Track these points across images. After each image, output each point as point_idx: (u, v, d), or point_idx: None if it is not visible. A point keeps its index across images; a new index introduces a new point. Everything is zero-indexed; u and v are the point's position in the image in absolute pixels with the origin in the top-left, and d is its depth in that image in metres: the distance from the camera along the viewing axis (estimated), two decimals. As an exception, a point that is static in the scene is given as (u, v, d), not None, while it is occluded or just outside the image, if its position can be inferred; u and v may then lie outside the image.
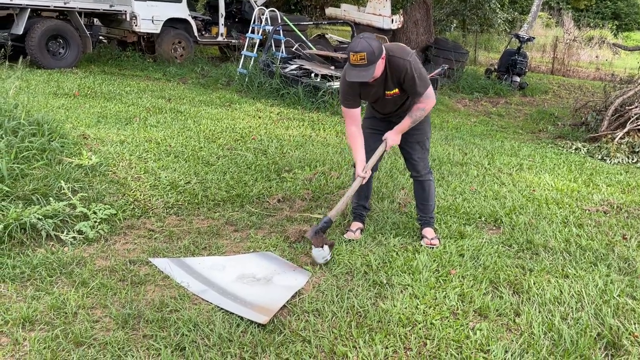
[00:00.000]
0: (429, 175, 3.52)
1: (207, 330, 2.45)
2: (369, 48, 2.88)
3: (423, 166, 3.48)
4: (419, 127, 3.32)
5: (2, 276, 2.76)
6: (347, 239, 3.49)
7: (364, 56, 2.88)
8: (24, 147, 4.02)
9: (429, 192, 3.55)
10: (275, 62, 8.58)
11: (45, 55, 9.09)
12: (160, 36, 10.77)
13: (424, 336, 2.54)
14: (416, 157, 3.45)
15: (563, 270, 3.25)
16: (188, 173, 4.44)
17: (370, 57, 2.90)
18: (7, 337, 2.33)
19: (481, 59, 17.07)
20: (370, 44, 2.90)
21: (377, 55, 2.93)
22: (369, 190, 3.68)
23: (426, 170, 3.50)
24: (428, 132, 3.47)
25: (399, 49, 3.11)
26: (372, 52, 2.89)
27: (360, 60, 2.90)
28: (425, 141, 3.45)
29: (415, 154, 3.44)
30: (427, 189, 3.53)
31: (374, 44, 2.91)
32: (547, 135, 7.84)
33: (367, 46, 2.89)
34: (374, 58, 2.91)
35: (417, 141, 3.42)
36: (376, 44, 2.92)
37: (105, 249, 3.17)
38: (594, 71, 16.44)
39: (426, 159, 3.48)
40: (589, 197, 4.69)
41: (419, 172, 3.49)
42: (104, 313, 2.55)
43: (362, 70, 2.94)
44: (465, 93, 11.01)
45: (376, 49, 2.91)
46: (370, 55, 2.89)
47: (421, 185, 3.54)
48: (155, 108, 6.86)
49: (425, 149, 3.46)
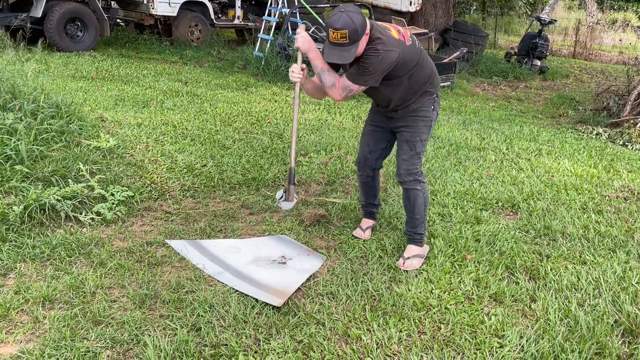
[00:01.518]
0: (414, 183, 2.98)
1: (222, 311, 2.47)
2: (351, 25, 2.49)
3: (406, 170, 2.96)
4: (412, 123, 2.93)
5: (23, 256, 2.81)
6: (354, 236, 3.33)
7: (346, 34, 2.50)
8: (43, 129, 4.07)
9: (415, 204, 3.02)
10: (291, 45, 8.53)
11: (63, 38, 9.15)
12: (177, 19, 10.75)
13: (438, 320, 2.53)
14: (400, 158, 2.98)
15: (581, 257, 3.22)
16: (204, 156, 4.46)
17: (353, 35, 2.51)
18: (28, 315, 2.38)
19: (501, 42, 16.78)
20: (353, 19, 2.50)
21: (360, 33, 2.53)
22: (375, 188, 3.36)
23: (410, 177, 2.97)
24: (423, 133, 2.94)
25: (383, 38, 2.63)
26: (354, 30, 2.50)
27: (341, 38, 2.51)
28: (415, 142, 2.93)
29: (401, 153, 2.98)
30: (412, 199, 3.02)
31: (356, 20, 2.50)
32: (568, 120, 7.70)
33: (350, 22, 2.49)
34: (356, 36, 2.52)
35: (405, 140, 2.96)
36: (359, 19, 2.52)
37: (123, 231, 3.20)
38: (617, 55, 16.08)
39: (414, 163, 2.95)
40: (609, 183, 4.61)
41: (401, 176, 2.99)
42: (121, 293, 2.59)
43: (343, 50, 2.56)
44: (484, 77, 10.85)
45: (359, 25, 2.51)
46: (352, 33, 2.50)
47: (406, 193, 3.04)
48: (171, 91, 6.88)
49: (415, 152, 2.94)
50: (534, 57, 11.78)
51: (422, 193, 3.02)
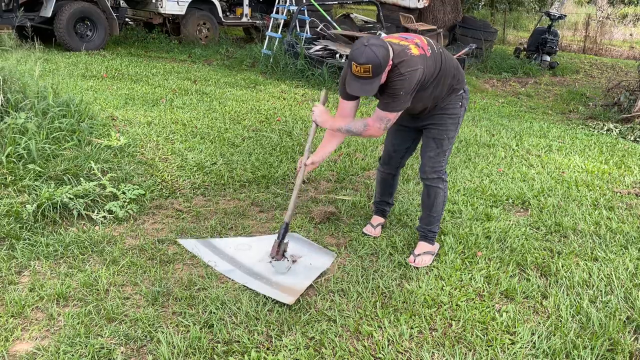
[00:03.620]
0: (437, 181, 2.98)
1: (234, 308, 2.49)
2: (375, 60, 2.44)
3: (431, 168, 2.96)
4: (439, 121, 2.89)
5: (37, 254, 2.84)
6: (364, 233, 3.32)
7: (369, 69, 2.45)
8: (54, 128, 4.11)
9: (435, 201, 3.02)
10: (299, 43, 8.54)
11: (73, 38, 9.21)
12: (185, 18, 10.79)
13: (449, 317, 2.54)
14: (426, 155, 2.97)
15: (592, 254, 3.20)
16: (214, 154, 4.48)
17: (377, 70, 2.47)
18: (43, 312, 2.41)
19: (510, 37, 16.68)
20: (377, 53, 2.44)
21: (384, 66, 2.49)
22: (393, 187, 3.37)
23: (435, 175, 2.97)
24: (451, 131, 2.92)
25: (404, 60, 2.59)
26: (378, 65, 2.45)
27: (365, 72, 2.47)
28: (443, 140, 2.92)
29: (426, 150, 2.97)
30: (432, 197, 3.02)
31: (380, 54, 2.45)
32: (578, 116, 7.66)
33: (374, 57, 2.44)
34: (380, 70, 2.48)
35: (432, 137, 2.94)
36: (383, 52, 2.46)
37: (135, 228, 3.23)
38: (627, 50, 15.94)
39: (439, 161, 2.95)
40: (621, 180, 4.58)
41: (425, 173, 2.99)
42: (134, 290, 2.61)
43: (366, 83, 2.52)
44: (493, 73, 10.80)
45: (383, 58, 2.46)
46: (376, 67, 2.46)
47: (427, 190, 3.03)
48: (181, 90, 6.91)
49: (441, 150, 2.93)
50: (544, 52, 11.72)
51: (443, 192, 3.02)
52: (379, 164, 3.32)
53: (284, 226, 2.86)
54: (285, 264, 2.83)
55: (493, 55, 11.49)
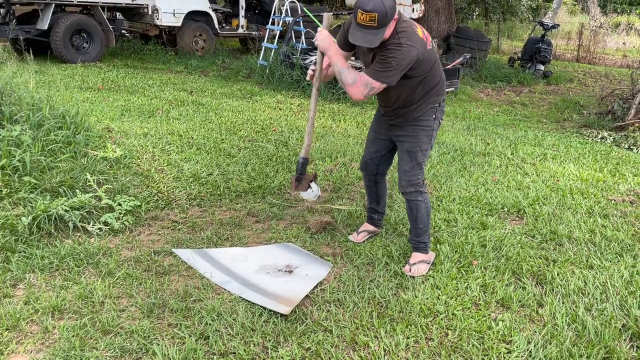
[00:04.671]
0: (416, 194, 2.97)
1: (230, 319, 2.49)
2: (381, 8, 2.41)
3: (407, 182, 2.94)
4: (412, 133, 2.89)
5: (32, 266, 2.84)
6: (349, 240, 3.35)
7: (375, 17, 2.41)
8: (50, 140, 4.11)
9: (418, 214, 3.00)
10: (295, 54, 8.58)
11: (69, 50, 9.24)
12: (181, 29, 10.84)
13: (445, 327, 2.54)
14: (401, 169, 2.96)
15: (587, 261, 3.21)
16: (210, 165, 4.48)
17: (382, 20, 2.43)
18: (38, 325, 2.40)
19: (504, 47, 16.79)
20: (384, 2, 2.42)
21: (390, 17, 2.45)
22: (378, 195, 3.35)
23: (412, 189, 2.95)
24: (424, 143, 2.89)
25: (408, 31, 2.58)
26: (384, 14, 2.42)
27: (370, 21, 2.43)
28: (416, 152, 2.89)
29: (401, 164, 2.96)
30: (414, 210, 3.00)
31: (387, 3, 2.42)
32: (572, 125, 7.70)
33: (380, 5, 2.41)
34: (385, 20, 2.44)
35: (406, 150, 2.92)
36: (390, 2, 2.44)
37: (130, 240, 3.23)
38: (620, 58, 16.05)
39: (415, 174, 2.93)
40: (615, 187, 4.61)
41: (402, 187, 2.98)
42: (129, 302, 2.60)
43: (370, 33, 2.48)
44: (487, 82, 10.86)
45: (389, 9, 2.43)
46: (382, 17, 2.42)
47: (408, 204, 3.03)
48: (177, 101, 6.92)
49: (416, 162, 2.91)
50: (538, 61, 11.79)
51: (424, 203, 3.01)
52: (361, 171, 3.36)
53: (303, 161, 3.04)
54: (314, 192, 3.08)
55: (487, 65, 11.56)
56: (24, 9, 9.41)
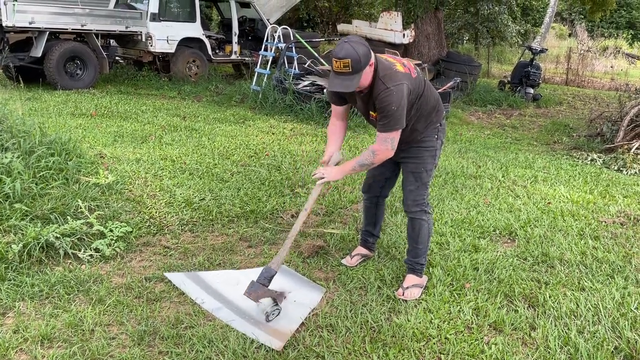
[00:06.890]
0: (421, 214, 3.02)
1: (221, 346, 2.47)
2: (354, 54, 2.52)
3: (413, 201, 3.01)
4: (416, 154, 2.96)
5: (22, 294, 2.81)
6: (342, 264, 3.36)
7: (348, 63, 2.53)
8: (42, 167, 4.11)
9: (420, 233, 3.04)
10: (288, 79, 8.67)
11: (63, 77, 9.28)
12: (175, 55, 10.94)
13: (438, 351, 2.53)
14: (407, 189, 3.03)
15: (579, 283, 3.22)
16: (202, 190, 4.49)
17: (356, 65, 2.54)
18: (27, 354, 2.37)
19: (494, 71, 17.03)
20: (356, 49, 2.53)
21: (364, 63, 2.56)
22: (377, 217, 3.39)
23: (417, 208, 3.01)
24: (428, 164, 2.98)
25: (388, 73, 2.68)
26: (357, 60, 2.53)
27: (344, 67, 2.54)
28: (421, 173, 2.98)
29: (406, 184, 3.04)
30: (416, 229, 3.05)
31: (360, 50, 2.54)
32: (562, 147, 7.78)
33: (353, 52, 2.52)
34: (359, 66, 2.55)
35: (411, 171, 3.01)
36: (363, 49, 2.55)
37: (122, 267, 3.21)
38: (608, 81, 16.29)
39: (420, 194, 3.00)
40: (605, 209, 4.64)
41: (407, 207, 3.04)
42: (120, 330, 2.58)
43: (346, 79, 2.58)
44: (478, 106, 10.98)
45: (362, 55, 2.54)
46: (355, 62, 2.53)
47: (411, 223, 3.07)
48: (170, 126, 6.95)
49: (421, 183, 2.99)
50: (527, 85, 11.95)
51: (427, 223, 3.05)
52: (362, 193, 3.39)
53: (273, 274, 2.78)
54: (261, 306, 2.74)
55: (478, 88, 11.71)
56: (18, 37, 9.47)
